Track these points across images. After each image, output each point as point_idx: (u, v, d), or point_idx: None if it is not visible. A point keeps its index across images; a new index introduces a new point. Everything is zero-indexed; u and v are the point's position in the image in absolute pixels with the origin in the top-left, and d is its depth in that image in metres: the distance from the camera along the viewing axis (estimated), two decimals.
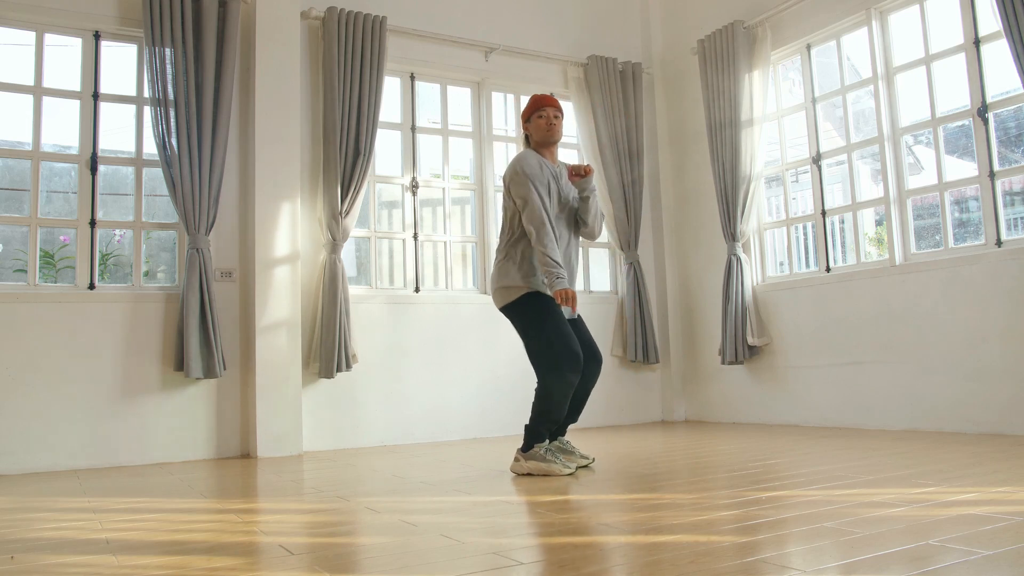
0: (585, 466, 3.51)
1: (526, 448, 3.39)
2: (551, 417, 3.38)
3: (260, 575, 1.86)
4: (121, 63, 4.98)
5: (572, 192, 3.58)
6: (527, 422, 3.44)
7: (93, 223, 4.43)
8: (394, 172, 5.48)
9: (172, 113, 4.44)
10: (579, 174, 3.50)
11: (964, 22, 4.38)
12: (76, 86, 4.49)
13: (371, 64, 5.01)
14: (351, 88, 4.94)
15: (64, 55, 4.93)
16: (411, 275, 5.33)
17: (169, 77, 4.46)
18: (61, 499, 3.15)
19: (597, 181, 5.80)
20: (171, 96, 4.45)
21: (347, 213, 4.86)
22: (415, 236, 5.34)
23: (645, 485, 2.98)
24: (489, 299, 5.41)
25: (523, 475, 3.35)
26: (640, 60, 6.24)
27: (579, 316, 3.64)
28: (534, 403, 3.40)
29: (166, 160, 4.43)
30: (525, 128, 3.65)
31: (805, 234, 6.49)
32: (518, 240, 3.48)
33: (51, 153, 4.68)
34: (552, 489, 2.97)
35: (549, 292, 3.41)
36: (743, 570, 1.72)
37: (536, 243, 3.35)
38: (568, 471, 3.31)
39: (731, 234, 5.48)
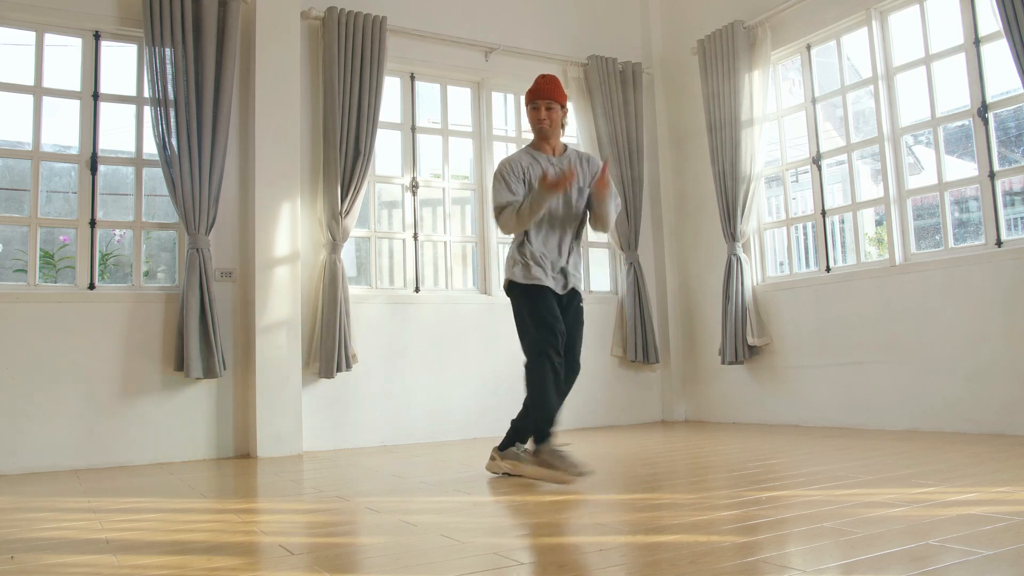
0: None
1: (502, 448, 3.32)
2: (543, 401, 3.12)
3: (260, 575, 1.86)
4: (121, 63, 4.98)
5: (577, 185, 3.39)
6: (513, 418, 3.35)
7: (93, 223, 4.43)
8: (394, 172, 5.48)
9: (172, 113, 4.44)
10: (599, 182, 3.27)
11: (964, 22, 4.37)
12: (76, 86, 4.48)
13: (371, 64, 5.01)
14: (351, 88, 4.93)
15: (64, 55, 4.93)
16: (411, 275, 5.33)
17: (169, 77, 4.46)
18: (61, 499, 3.15)
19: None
20: (171, 96, 4.45)
21: (347, 213, 4.86)
22: (415, 236, 5.34)
23: (645, 485, 2.98)
24: (489, 299, 5.46)
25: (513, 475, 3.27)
26: (640, 60, 6.24)
27: (579, 310, 3.43)
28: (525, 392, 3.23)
29: (166, 160, 4.43)
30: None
31: (805, 234, 6.49)
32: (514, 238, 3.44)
33: (51, 153, 4.68)
34: (552, 489, 2.97)
35: (542, 279, 3.25)
36: (743, 570, 1.72)
37: (507, 230, 3.26)
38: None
39: (731, 234, 5.47)
